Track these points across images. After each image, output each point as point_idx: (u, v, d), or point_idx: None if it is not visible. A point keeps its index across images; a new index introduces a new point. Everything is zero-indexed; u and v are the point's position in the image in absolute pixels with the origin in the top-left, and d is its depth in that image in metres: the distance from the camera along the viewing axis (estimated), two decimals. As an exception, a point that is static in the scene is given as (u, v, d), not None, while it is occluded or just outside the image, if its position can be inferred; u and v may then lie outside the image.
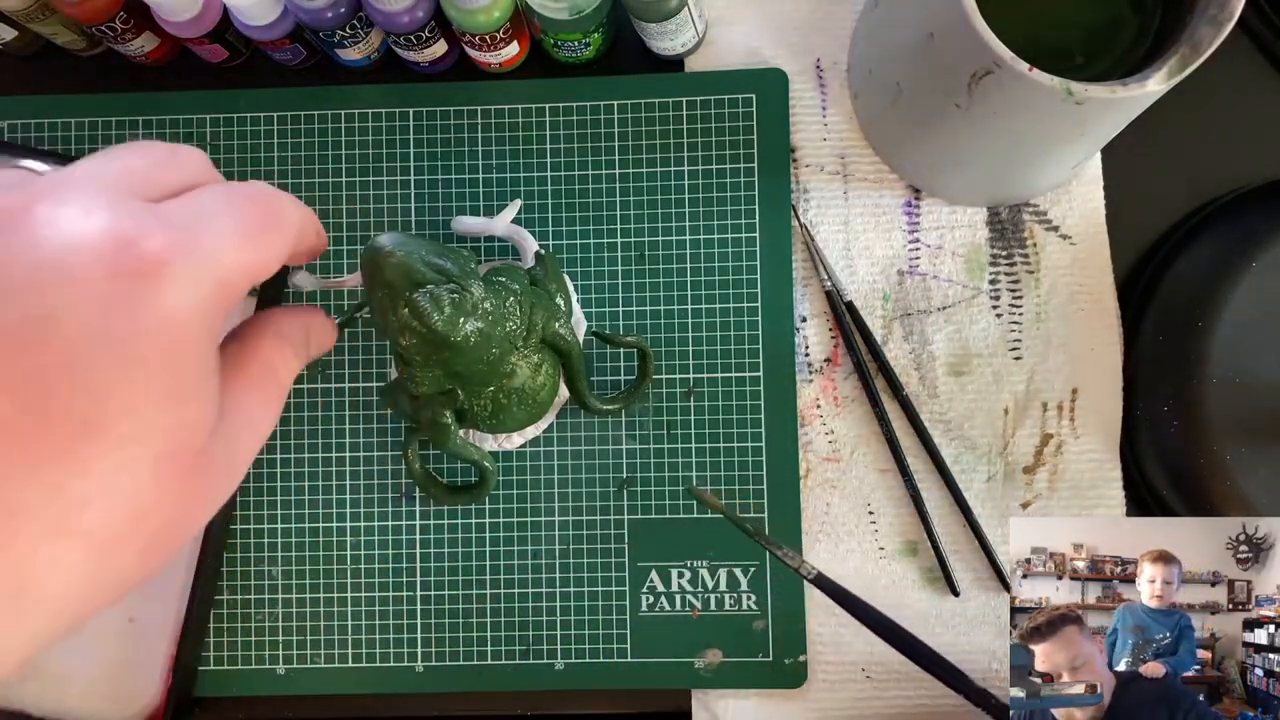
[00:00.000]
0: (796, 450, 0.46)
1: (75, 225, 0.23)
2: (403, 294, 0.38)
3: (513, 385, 0.42)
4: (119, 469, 0.22)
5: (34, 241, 0.22)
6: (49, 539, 0.21)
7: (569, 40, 0.46)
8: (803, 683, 0.45)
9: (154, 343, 0.23)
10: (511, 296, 0.41)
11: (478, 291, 0.39)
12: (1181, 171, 0.48)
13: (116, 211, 0.24)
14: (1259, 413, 0.43)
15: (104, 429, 0.22)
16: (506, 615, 0.47)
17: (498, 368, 0.41)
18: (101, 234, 0.23)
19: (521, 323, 0.41)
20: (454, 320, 0.38)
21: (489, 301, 0.39)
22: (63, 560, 0.21)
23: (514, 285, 0.41)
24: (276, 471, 0.48)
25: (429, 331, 0.38)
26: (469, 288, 0.39)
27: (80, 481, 0.21)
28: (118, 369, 0.22)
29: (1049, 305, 0.47)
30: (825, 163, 0.48)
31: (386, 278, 0.38)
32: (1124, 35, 0.40)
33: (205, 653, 0.47)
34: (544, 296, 0.43)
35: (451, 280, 0.38)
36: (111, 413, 0.22)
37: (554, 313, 0.42)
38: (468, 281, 0.39)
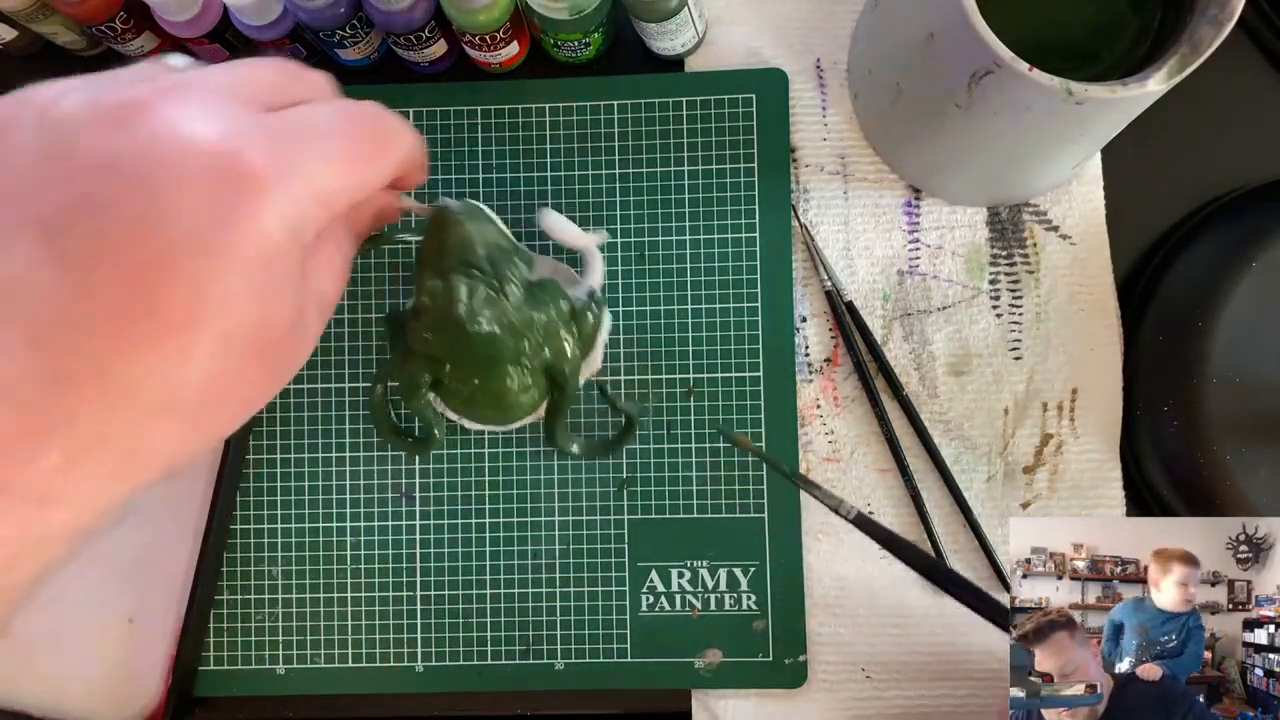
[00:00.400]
0: (796, 450, 0.46)
1: (190, 129, 0.25)
2: (447, 265, 0.38)
3: (494, 388, 0.42)
4: (210, 358, 0.24)
5: (152, 138, 0.24)
6: (151, 414, 0.24)
7: (569, 40, 0.46)
8: (803, 683, 0.45)
9: (249, 253, 0.25)
10: (545, 318, 0.41)
11: (513, 299, 0.39)
12: (1181, 171, 0.48)
13: (230, 122, 0.25)
14: (1259, 413, 0.43)
15: (200, 323, 0.24)
16: (506, 615, 0.47)
17: (491, 369, 0.41)
18: (213, 142, 0.25)
19: (536, 346, 0.41)
20: (476, 315, 0.39)
21: (519, 314, 0.40)
22: (162, 430, 0.25)
23: (552, 309, 0.41)
24: (276, 471, 0.48)
25: (448, 311, 0.39)
26: (507, 292, 0.39)
27: (177, 366, 0.24)
28: (214, 271, 0.24)
29: (1049, 305, 0.47)
30: (825, 163, 0.48)
31: (444, 241, 0.39)
32: (1124, 35, 0.40)
33: (205, 653, 0.47)
34: (573, 331, 0.43)
35: (497, 276, 0.39)
36: (208, 310, 0.24)
37: (568, 352, 0.43)
38: (509, 285, 0.39)
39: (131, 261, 0.23)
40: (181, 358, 0.24)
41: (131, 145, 0.24)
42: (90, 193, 0.24)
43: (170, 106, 0.25)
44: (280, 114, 0.27)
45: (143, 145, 0.24)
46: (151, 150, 0.24)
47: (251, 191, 0.25)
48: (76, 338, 0.23)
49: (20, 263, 0.23)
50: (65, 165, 0.24)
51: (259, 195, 0.25)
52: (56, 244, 0.23)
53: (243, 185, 0.25)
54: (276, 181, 0.25)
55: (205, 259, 0.24)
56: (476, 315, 0.39)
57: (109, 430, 0.24)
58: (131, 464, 0.25)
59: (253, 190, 0.25)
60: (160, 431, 0.25)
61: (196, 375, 0.24)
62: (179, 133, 0.24)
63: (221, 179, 0.24)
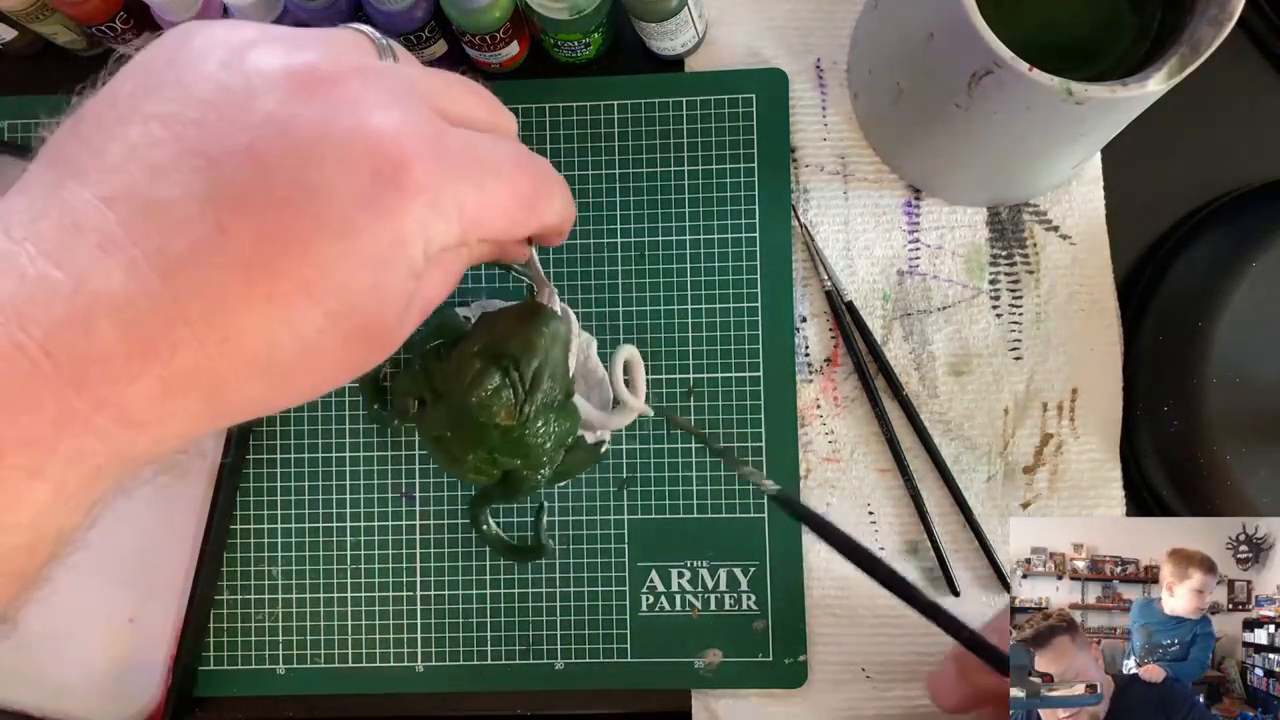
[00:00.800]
0: (796, 450, 0.46)
1: (368, 116, 0.25)
2: (498, 350, 0.39)
3: (456, 452, 0.42)
4: (315, 332, 0.25)
5: (331, 113, 0.25)
6: (246, 368, 0.25)
7: (569, 40, 0.46)
8: (803, 683, 0.45)
9: (380, 247, 0.25)
10: (539, 440, 0.41)
11: (525, 414, 0.40)
12: (1181, 171, 0.48)
13: (408, 119, 0.26)
14: (1259, 413, 0.43)
15: (316, 298, 0.25)
16: (506, 615, 0.47)
17: (464, 438, 0.42)
18: (384, 133, 0.25)
19: (515, 454, 0.42)
20: (485, 407, 0.39)
21: (518, 427, 0.40)
22: (249, 385, 0.25)
23: (555, 432, 0.42)
24: (276, 471, 0.48)
25: (464, 389, 0.39)
26: (524, 409, 0.40)
27: (282, 331, 0.25)
28: (346, 255, 0.25)
29: (1049, 305, 0.47)
30: (825, 163, 0.48)
31: (513, 330, 0.39)
32: (1124, 35, 0.40)
33: (205, 653, 0.47)
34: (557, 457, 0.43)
35: (528, 391, 0.40)
36: (328, 288, 0.25)
37: (537, 477, 0.43)
38: (530, 405, 0.40)
39: (273, 221, 0.24)
40: (288, 324, 0.24)
41: (309, 114, 0.25)
42: (256, 147, 0.24)
43: (358, 88, 0.25)
44: (461, 132, 0.28)
45: (319, 117, 0.25)
46: (325, 124, 0.25)
47: (402, 191, 0.25)
48: (201, 275, 0.23)
49: (175, 189, 0.24)
50: (242, 115, 0.24)
51: (408, 197, 0.25)
52: (213, 182, 0.24)
53: (396, 182, 0.25)
54: (429, 192, 0.26)
55: (340, 240, 0.24)
56: (485, 407, 0.40)
57: (204, 372, 0.24)
58: (215, 408, 0.25)
59: (404, 190, 0.25)
60: (248, 385, 0.25)
61: (296, 343, 0.25)
62: (356, 115, 0.25)
63: (379, 169, 0.25)
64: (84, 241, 0.23)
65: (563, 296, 0.48)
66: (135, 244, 0.23)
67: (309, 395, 0.27)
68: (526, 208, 0.30)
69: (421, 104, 0.27)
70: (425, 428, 0.44)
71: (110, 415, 0.23)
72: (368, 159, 0.25)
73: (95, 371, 0.23)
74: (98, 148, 0.24)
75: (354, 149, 0.25)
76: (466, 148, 0.28)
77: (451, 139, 0.27)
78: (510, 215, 0.29)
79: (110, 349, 0.23)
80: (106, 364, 0.23)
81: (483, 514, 0.46)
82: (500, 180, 0.29)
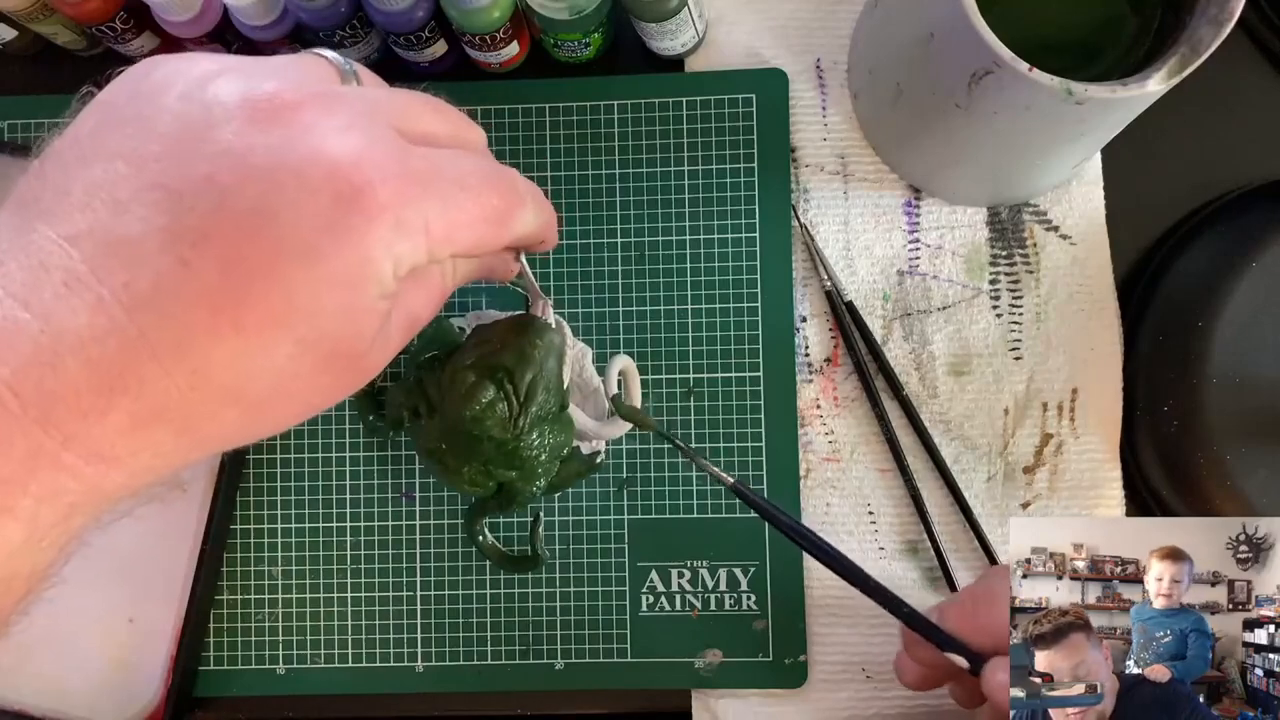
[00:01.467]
0: (796, 450, 0.46)
1: (326, 141, 0.25)
2: (492, 363, 0.39)
3: (449, 463, 0.42)
4: (286, 359, 0.25)
5: (288, 139, 0.25)
6: (217, 398, 0.25)
7: (569, 40, 0.46)
8: (803, 683, 0.45)
9: (347, 271, 0.25)
10: (534, 452, 0.41)
11: (523, 424, 0.40)
12: (1181, 171, 0.48)
13: (368, 142, 0.26)
14: (1259, 413, 0.43)
15: (284, 325, 0.25)
16: (506, 615, 0.47)
17: (459, 451, 0.41)
18: (343, 157, 0.25)
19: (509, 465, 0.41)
20: (479, 421, 0.39)
21: (514, 440, 0.40)
22: (223, 415, 0.25)
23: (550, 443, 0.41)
24: (276, 471, 0.48)
25: (458, 402, 0.39)
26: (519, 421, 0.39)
27: (251, 360, 0.24)
28: (311, 280, 0.25)
29: (1049, 305, 0.47)
30: (825, 163, 0.48)
31: (506, 343, 0.39)
32: (1124, 35, 0.40)
33: (205, 653, 0.47)
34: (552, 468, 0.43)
35: (522, 405, 0.39)
36: (297, 315, 0.25)
37: (531, 488, 0.43)
38: (524, 417, 0.39)
39: (236, 251, 0.24)
40: (257, 353, 0.24)
41: (268, 142, 0.24)
42: (216, 178, 0.24)
43: (317, 113, 0.25)
44: (424, 150, 0.28)
45: (278, 144, 0.24)
46: (284, 151, 0.24)
47: (365, 212, 0.25)
48: (166, 308, 0.23)
49: (138, 224, 0.24)
50: (202, 146, 0.24)
51: (371, 218, 0.25)
52: (174, 214, 0.24)
53: (358, 204, 0.25)
54: (392, 212, 0.25)
55: (304, 266, 0.24)
56: (479, 420, 0.39)
57: (174, 405, 0.24)
58: (188, 441, 0.25)
59: (366, 211, 0.25)
60: (221, 416, 0.25)
61: (268, 372, 0.25)
62: (315, 140, 0.25)
63: (339, 192, 0.25)
64: (50, 280, 0.23)
65: (563, 296, 0.48)
66: (101, 281, 0.23)
67: (292, 421, 0.27)
68: (495, 221, 0.30)
69: (383, 125, 0.27)
70: (420, 440, 0.44)
71: (79, 451, 0.23)
72: (328, 183, 0.25)
73: (62, 408, 0.23)
74: (62, 187, 0.24)
75: (313, 174, 0.24)
76: (430, 166, 0.27)
77: (414, 158, 0.27)
78: (479, 229, 0.29)
79: (77, 385, 0.23)
80: (74, 400, 0.23)
81: (478, 525, 0.46)
82: (466, 195, 0.28)
